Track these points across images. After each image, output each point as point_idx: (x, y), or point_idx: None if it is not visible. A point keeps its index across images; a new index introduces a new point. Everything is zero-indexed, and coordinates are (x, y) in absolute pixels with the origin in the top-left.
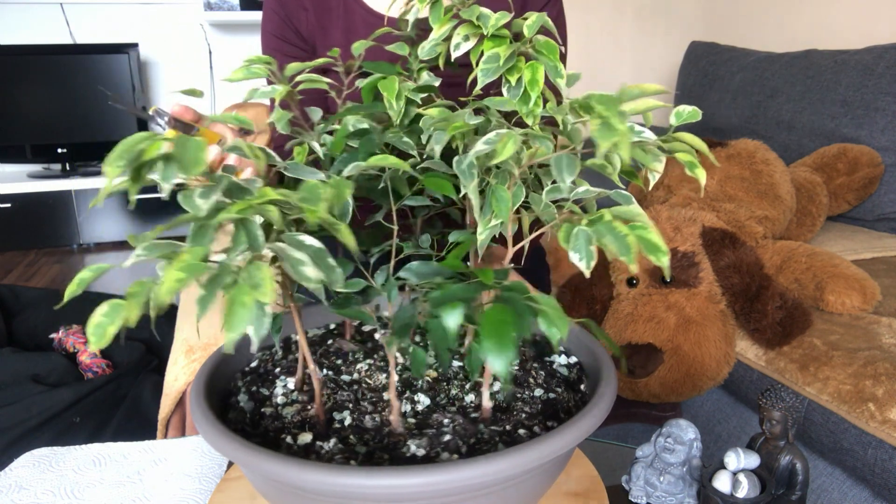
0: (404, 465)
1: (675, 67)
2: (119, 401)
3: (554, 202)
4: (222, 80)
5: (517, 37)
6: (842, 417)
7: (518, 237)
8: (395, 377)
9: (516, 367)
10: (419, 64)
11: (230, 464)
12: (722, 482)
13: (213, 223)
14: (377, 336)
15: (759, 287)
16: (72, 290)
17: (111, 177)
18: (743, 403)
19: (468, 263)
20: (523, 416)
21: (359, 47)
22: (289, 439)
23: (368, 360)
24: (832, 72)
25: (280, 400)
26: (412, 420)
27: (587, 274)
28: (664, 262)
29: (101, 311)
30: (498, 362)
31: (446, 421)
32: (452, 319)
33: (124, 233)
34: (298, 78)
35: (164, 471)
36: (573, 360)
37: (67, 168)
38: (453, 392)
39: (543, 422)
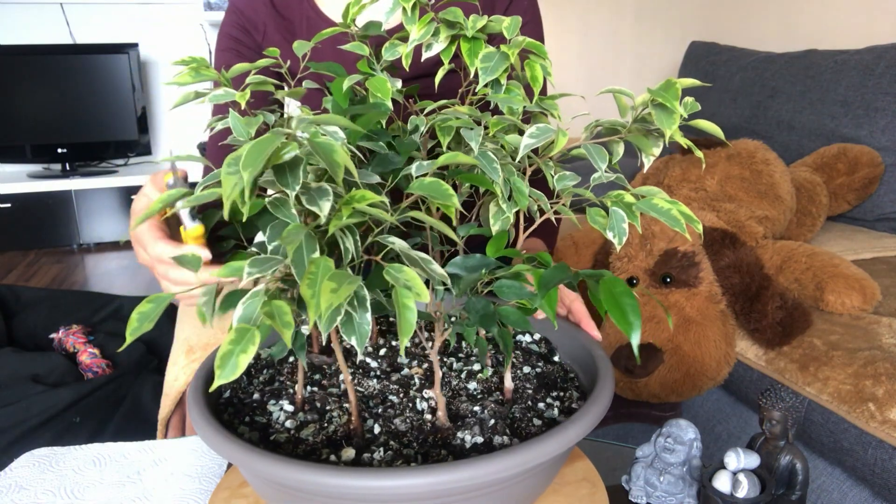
0: (466, 456)
1: (675, 67)
2: (119, 401)
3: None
4: (165, 85)
5: (492, 37)
6: (842, 417)
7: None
8: (439, 374)
9: (491, 351)
10: (382, 64)
11: (230, 464)
12: (722, 482)
13: (324, 231)
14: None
15: (759, 287)
16: (133, 328)
17: (249, 181)
18: (743, 403)
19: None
20: (530, 391)
21: (300, 48)
22: (333, 457)
23: (350, 370)
24: (832, 72)
25: (289, 424)
26: (440, 414)
27: (618, 249)
28: (700, 229)
29: (230, 338)
30: (632, 333)
31: (477, 408)
32: (551, 301)
33: (124, 233)
34: (249, 80)
35: (164, 471)
36: (537, 336)
37: (67, 168)
38: (454, 383)
39: (548, 393)
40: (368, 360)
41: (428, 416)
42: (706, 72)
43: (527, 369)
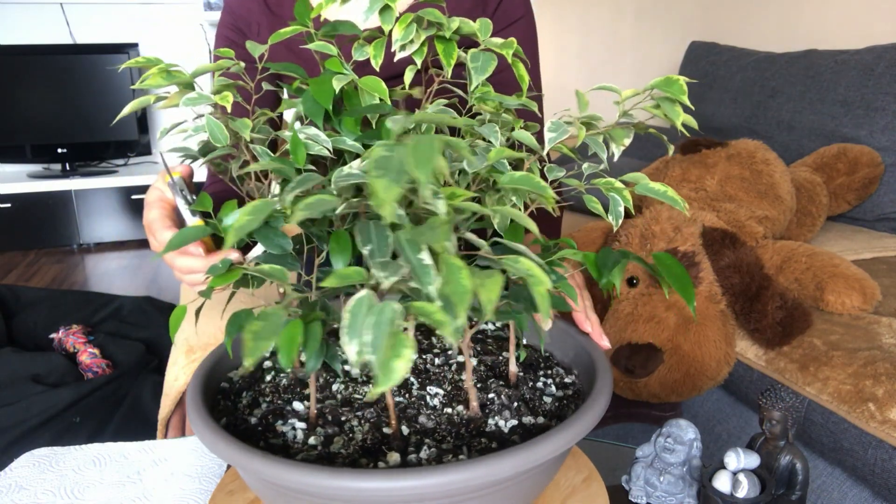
0: (509, 441)
1: (675, 67)
2: (119, 401)
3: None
4: (131, 88)
5: (465, 39)
6: (842, 417)
7: None
8: (471, 365)
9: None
10: (352, 63)
11: (229, 464)
12: (722, 482)
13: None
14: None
15: (759, 287)
16: (250, 347)
17: (426, 180)
18: (743, 403)
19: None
20: (521, 374)
21: (254, 48)
22: (381, 464)
23: (338, 380)
24: (832, 72)
25: (313, 441)
26: (473, 404)
27: (615, 228)
28: (686, 207)
29: (387, 345)
30: (691, 301)
31: (492, 395)
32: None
33: (124, 233)
34: (216, 81)
35: (164, 471)
36: (498, 324)
37: (67, 168)
38: (449, 376)
39: (536, 374)
40: (347, 366)
41: (448, 410)
42: (706, 72)
43: (505, 354)
